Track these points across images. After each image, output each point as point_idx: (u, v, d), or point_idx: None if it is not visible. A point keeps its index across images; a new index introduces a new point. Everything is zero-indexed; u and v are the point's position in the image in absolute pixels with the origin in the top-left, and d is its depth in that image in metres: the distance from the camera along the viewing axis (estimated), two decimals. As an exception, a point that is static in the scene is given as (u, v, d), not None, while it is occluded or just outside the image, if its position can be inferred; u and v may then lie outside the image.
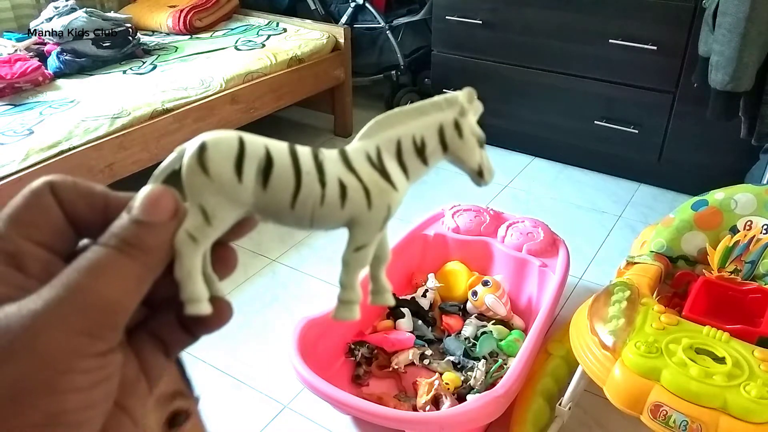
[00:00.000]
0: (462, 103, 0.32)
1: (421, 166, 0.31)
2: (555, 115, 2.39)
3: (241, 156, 0.27)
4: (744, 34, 1.49)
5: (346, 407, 1.20)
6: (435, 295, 1.62)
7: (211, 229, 0.27)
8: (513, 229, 1.68)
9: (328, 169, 0.29)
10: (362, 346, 1.47)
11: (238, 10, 2.82)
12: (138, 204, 0.26)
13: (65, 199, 0.26)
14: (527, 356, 1.28)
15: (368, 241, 0.30)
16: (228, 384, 1.49)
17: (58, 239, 0.26)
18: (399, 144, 0.31)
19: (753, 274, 1.26)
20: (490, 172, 0.33)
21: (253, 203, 0.28)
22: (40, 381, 0.22)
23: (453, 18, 2.44)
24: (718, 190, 1.34)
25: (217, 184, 0.27)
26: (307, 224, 0.29)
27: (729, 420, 0.92)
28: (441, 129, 0.31)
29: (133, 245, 0.25)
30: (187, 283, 0.27)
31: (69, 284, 0.23)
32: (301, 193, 0.28)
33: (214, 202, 0.27)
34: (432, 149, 0.31)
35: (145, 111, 1.88)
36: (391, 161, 0.30)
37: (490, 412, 1.19)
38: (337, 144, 2.69)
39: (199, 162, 0.27)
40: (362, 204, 0.29)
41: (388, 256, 0.32)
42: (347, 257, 0.31)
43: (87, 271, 0.24)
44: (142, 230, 0.25)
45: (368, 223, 0.30)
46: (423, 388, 1.34)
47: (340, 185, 0.29)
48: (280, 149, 0.28)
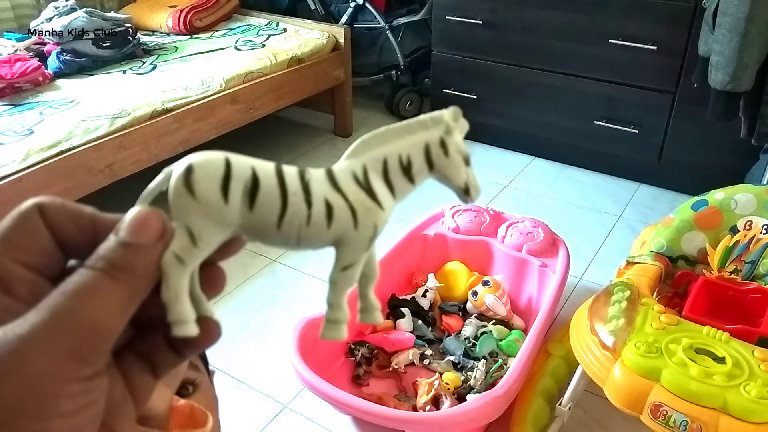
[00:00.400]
0: (447, 122, 0.32)
1: (407, 185, 0.32)
2: (555, 115, 2.39)
3: (227, 177, 0.28)
4: (744, 34, 1.49)
5: (346, 407, 1.20)
6: (435, 295, 1.62)
7: (198, 250, 0.28)
8: (513, 229, 1.68)
9: (314, 189, 0.29)
10: (362, 346, 1.47)
11: (238, 10, 2.82)
12: (125, 226, 0.26)
13: (54, 222, 0.27)
14: (527, 356, 1.28)
15: (355, 260, 0.30)
16: (228, 384, 1.49)
17: (46, 261, 0.27)
18: (385, 163, 0.31)
19: (753, 274, 1.26)
20: (476, 190, 0.34)
21: (240, 224, 0.28)
22: (26, 405, 0.22)
23: (453, 18, 2.44)
24: (718, 190, 1.34)
25: (204, 206, 0.27)
26: (293, 244, 0.29)
27: (729, 420, 0.92)
28: (427, 148, 0.32)
29: (120, 268, 0.25)
30: (173, 305, 0.27)
31: (55, 308, 0.23)
32: (287, 213, 0.28)
33: (201, 224, 0.27)
34: (418, 168, 0.32)
35: (145, 111, 1.88)
36: (377, 180, 0.31)
37: (490, 412, 1.19)
38: (337, 144, 2.69)
39: (186, 184, 0.27)
40: (348, 224, 0.30)
41: (376, 274, 0.32)
42: (334, 276, 0.31)
43: (73, 295, 0.24)
44: (129, 252, 0.26)
45: (355, 243, 0.30)
46: (423, 388, 1.34)
47: (327, 205, 0.29)
48: (266, 170, 0.29)
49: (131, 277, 0.25)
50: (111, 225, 0.27)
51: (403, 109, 2.86)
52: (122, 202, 0.31)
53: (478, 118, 2.61)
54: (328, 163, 0.30)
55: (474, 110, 2.58)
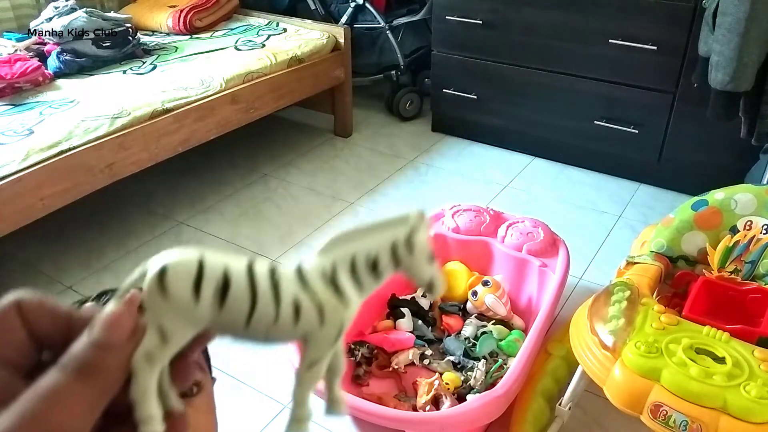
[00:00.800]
0: (413, 222, 0.33)
1: (374, 281, 0.33)
2: (555, 115, 2.39)
3: (199, 278, 0.29)
4: (744, 34, 1.49)
5: (347, 407, 1.19)
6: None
7: (168, 348, 0.29)
8: (513, 229, 1.68)
9: (283, 288, 0.30)
10: (362, 346, 1.47)
11: (238, 10, 2.82)
12: (98, 324, 0.27)
13: (31, 319, 0.27)
14: (527, 356, 1.28)
15: (321, 357, 0.32)
16: (228, 384, 1.49)
17: (21, 357, 0.27)
18: (354, 260, 0.32)
19: (753, 274, 1.26)
20: (440, 287, 0.35)
21: (210, 320, 0.29)
22: None
23: (453, 18, 2.44)
24: (718, 190, 1.34)
25: (176, 306, 0.28)
26: (261, 340, 0.31)
27: (729, 420, 0.92)
28: (394, 246, 0.33)
29: (90, 369, 0.26)
30: (141, 404, 0.28)
31: (25, 413, 0.24)
32: (256, 312, 0.30)
33: (172, 323, 0.29)
34: (385, 265, 0.33)
35: (145, 111, 1.88)
36: (345, 277, 0.32)
37: (491, 412, 1.19)
38: (337, 144, 2.70)
39: (160, 285, 0.28)
40: (315, 322, 0.31)
41: (341, 368, 0.34)
42: (301, 373, 0.32)
43: (43, 400, 0.25)
44: (100, 352, 0.26)
45: (321, 340, 0.31)
46: (423, 388, 1.34)
47: (294, 305, 0.30)
48: (238, 270, 0.30)
49: (101, 378, 0.26)
50: (85, 321, 0.28)
51: (403, 109, 2.86)
52: (122, 202, 0.31)
53: (478, 118, 2.61)
54: (328, 162, 0.31)
55: (474, 110, 2.58)
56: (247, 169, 2.49)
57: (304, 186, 2.36)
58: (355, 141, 2.73)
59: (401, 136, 2.76)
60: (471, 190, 2.32)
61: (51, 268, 1.91)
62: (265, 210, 2.22)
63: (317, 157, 2.58)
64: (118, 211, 2.18)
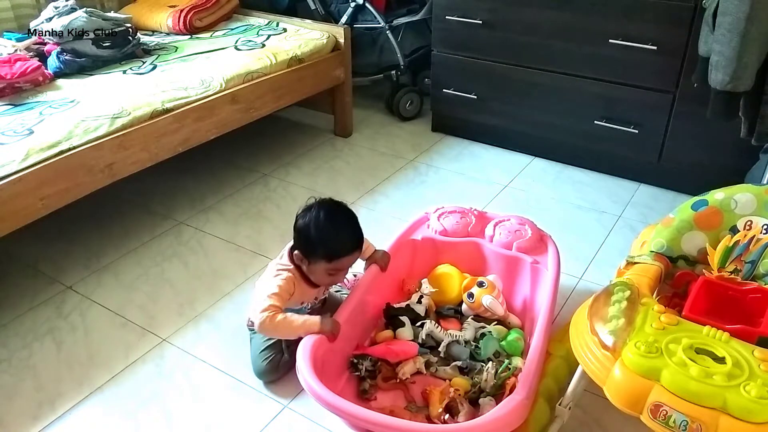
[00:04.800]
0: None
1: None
2: (555, 115, 2.39)
3: None
4: (744, 34, 1.49)
5: (379, 426, 1.14)
6: (430, 300, 1.59)
7: None
8: (500, 227, 1.67)
9: None
10: (364, 359, 1.42)
11: (238, 10, 2.83)
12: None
13: None
14: (538, 356, 1.27)
15: None
16: (228, 384, 1.49)
17: None
18: None
19: (753, 274, 1.26)
20: None
21: None
22: None
23: (453, 18, 2.44)
24: (718, 190, 1.34)
25: None
26: None
27: (729, 420, 0.92)
28: None
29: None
30: None
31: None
32: None
33: None
34: None
35: (145, 111, 1.88)
36: None
37: (520, 416, 1.17)
38: (337, 144, 2.70)
39: None
40: None
41: None
42: None
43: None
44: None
45: None
46: (435, 397, 1.33)
47: None
48: None
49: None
50: None
51: (403, 109, 2.86)
52: (122, 202, 0.31)
53: (478, 118, 2.61)
54: (328, 162, 0.31)
55: (474, 110, 2.58)
56: (247, 169, 2.49)
57: (304, 186, 2.36)
58: (355, 141, 2.73)
59: (401, 136, 2.76)
60: (471, 190, 2.32)
61: (51, 268, 1.90)
62: (264, 210, 2.22)
63: (317, 157, 2.58)
64: (118, 211, 2.18)
